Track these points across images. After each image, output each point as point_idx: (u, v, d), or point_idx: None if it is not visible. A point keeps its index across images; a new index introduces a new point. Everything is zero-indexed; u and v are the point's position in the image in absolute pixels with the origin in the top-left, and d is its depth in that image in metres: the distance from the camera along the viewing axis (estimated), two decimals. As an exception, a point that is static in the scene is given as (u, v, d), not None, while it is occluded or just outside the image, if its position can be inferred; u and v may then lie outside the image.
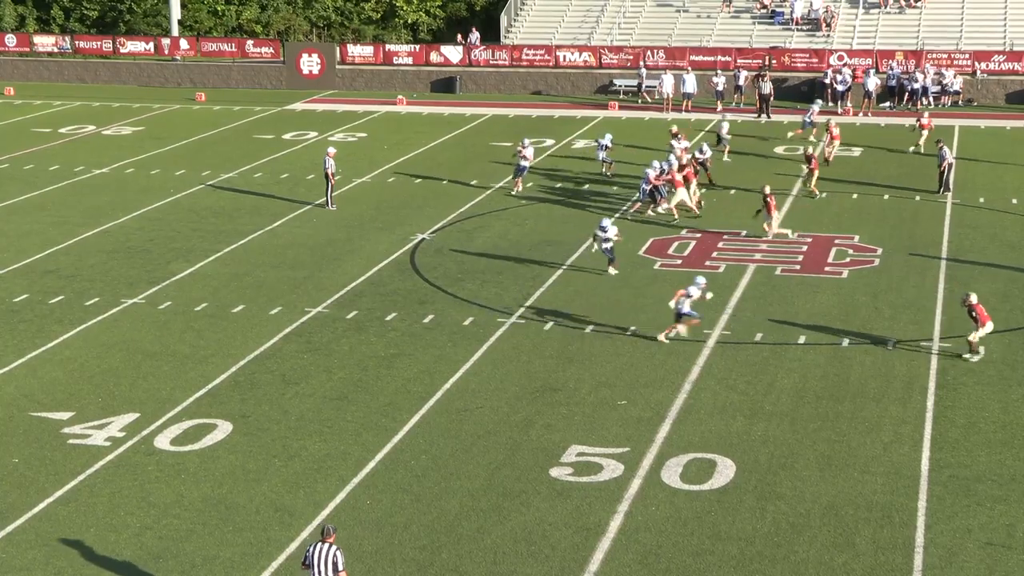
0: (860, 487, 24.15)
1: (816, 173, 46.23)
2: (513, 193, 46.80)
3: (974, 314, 30.24)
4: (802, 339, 31.98)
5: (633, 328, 32.75)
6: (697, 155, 47.66)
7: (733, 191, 46.96)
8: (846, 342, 31.68)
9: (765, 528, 22.76)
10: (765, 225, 40.36)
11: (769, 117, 62.77)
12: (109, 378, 30.07)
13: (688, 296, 31.59)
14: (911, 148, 53.67)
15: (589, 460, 25.46)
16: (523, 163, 46.83)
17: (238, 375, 30.21)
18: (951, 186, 46.11)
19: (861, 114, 62.91)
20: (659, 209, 43.65)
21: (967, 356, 30.34)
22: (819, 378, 29.45)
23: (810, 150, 47.42)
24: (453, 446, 26.23)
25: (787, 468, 24.92)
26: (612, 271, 37.07)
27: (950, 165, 46.04)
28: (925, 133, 53.43)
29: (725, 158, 52.01)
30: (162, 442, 26.59)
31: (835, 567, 21.45)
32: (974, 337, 30.29)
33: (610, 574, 21.23)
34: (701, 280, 32.07)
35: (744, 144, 56.34)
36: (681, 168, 43.95)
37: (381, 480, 24.81)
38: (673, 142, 48.19)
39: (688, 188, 43.57)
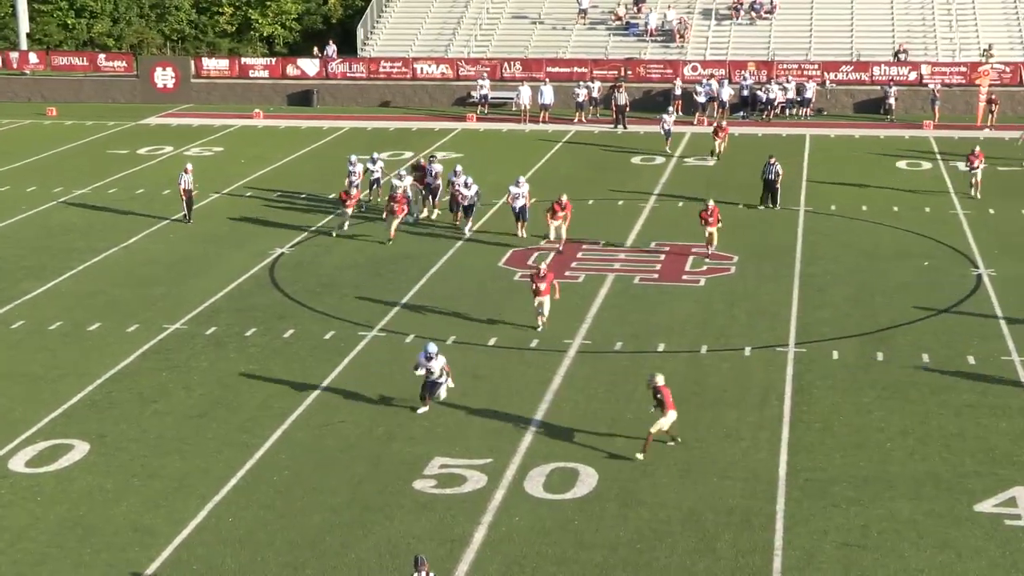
0: (719, 492, 24.49)
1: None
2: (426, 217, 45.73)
3: (659, 397, 26.03)
4: (661, 347, 32.33)
5: (494, 339, 32.84)
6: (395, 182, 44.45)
7: (591, 201, 47.33)
8: (704, 349, 32.11)
9: (628, 535, 22.96)
10: (708, 245, 40.28)
11: (625, 128, 63.42)
12: (-40, 400, 29.37)
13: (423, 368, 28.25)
14: (710, 156, 54.98)
15: (452, 472, 25.47)
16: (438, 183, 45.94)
17: (95, 394, 29.69)
18: (778, 200, 46.38)
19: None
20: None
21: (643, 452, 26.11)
22: (678, 385, 29.69)
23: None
24: (315, 461, 26.06)
25: (648, 475, 25.17)
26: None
27: (774, 180, 46.13)
28: (722, 141, 55.28)
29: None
30: (16, 464, 26.02)
31: (697, 572, 21.72)
32: (656, 428, 25.97)
33: (475, 585, 21.27)
34: (431, 347, 28.38)
35: (602, 154, 56.90)
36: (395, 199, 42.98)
37: (243, 497, 24.55)
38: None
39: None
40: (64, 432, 27.57)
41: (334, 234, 42.71)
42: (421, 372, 28.26)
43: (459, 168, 44.60)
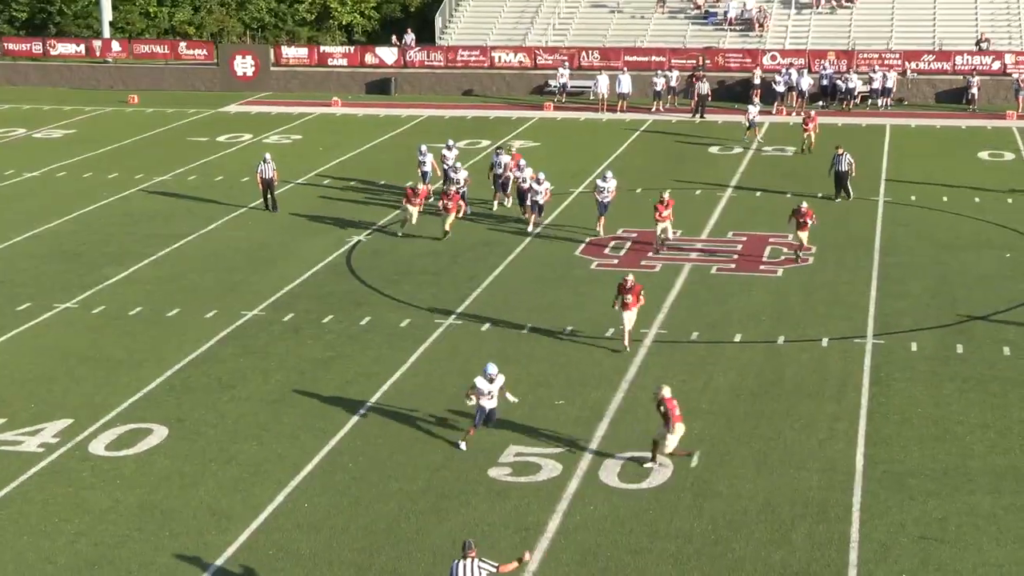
0: (796, 484, 24.33)
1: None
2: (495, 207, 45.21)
3: (663, 409, 24.98)
4: (738, 337, 32.16)
5: (570, 328, 32.82)
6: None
7: (669, 191, 47.16)
8: (781, 340, 31.90)
9: (702, 526, 22.87)
10: (792, 239, 39.21)
11: (703, 117, 63.10)
12: (41, 384, 29.77)
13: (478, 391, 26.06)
14: (802, 150, 54.02)
15: (527, 460, 25.49)
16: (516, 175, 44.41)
17: (173, 379, 30.00)
18: (850, 191, 45.74)
19: (794, 114, 63.27)
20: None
21: (661, 460, 25.12)
22: (755, 376, 29.64)
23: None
24: (390, 448, 26.17)
25: (724, 466, 25.06)
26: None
27: (846, 172, 45.36)
28: (811, 133, 54.03)
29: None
30: (97, 448, 26.36)
31: (772, 563, 21.60)
32: (668, 445, 24.96)
33: (549, 574, 21.26)
34: (492, 368, 26.12)
35: (679, 144, 56.69)
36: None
37: (319, 483, 24.72)
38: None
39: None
40: (143, 416, 27.89)
41: (399, 234, 41.84)
42: (477, 402, 25.87)
43: (523, 162, 44.40)
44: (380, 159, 54.32)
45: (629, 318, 30.99)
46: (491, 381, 25.91)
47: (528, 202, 42.25)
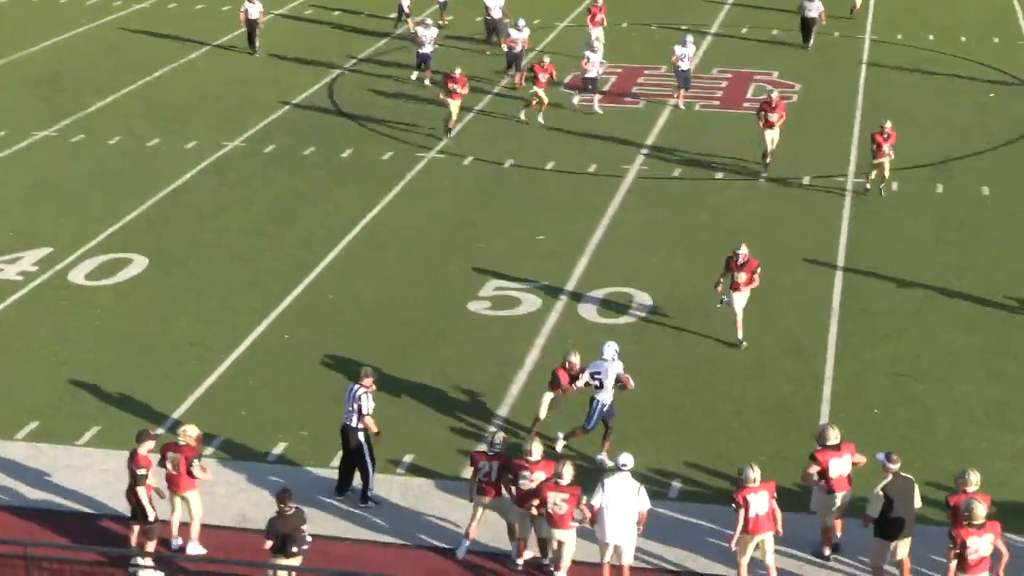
0: (773, 322, 24.51)
1: None
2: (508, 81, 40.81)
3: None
4: (720, 175, 32.12)
5: (552, 163, 32.72)
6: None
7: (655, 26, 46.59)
8: (762, 180, 31.87)
9: (681, 361, 23.10)
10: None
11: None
12: (20, 212, 29.68)
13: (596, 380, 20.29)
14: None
15: (507, 294, 25.61)
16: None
17: (153, 210, 29.93)
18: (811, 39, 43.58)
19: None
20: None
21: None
22: (738, 213, 29.67)
23: None
24: (371, 281, 26.26)
25: (703, 303, 25.14)
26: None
27: (814, 18, 43.23)
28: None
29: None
30: (76, 277, 26.39)
31: (748, 397, 21.88)
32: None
33: (528, 406, 21.49)
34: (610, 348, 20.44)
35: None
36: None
37: (299, 315, 24.84)
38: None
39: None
40: (123, 247, 27.87)
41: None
42: (585, 382, 20.19)
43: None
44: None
45: (740, 302, 23.71)
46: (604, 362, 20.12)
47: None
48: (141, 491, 17.28)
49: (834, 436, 17.62)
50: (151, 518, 17.40)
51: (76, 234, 28.42)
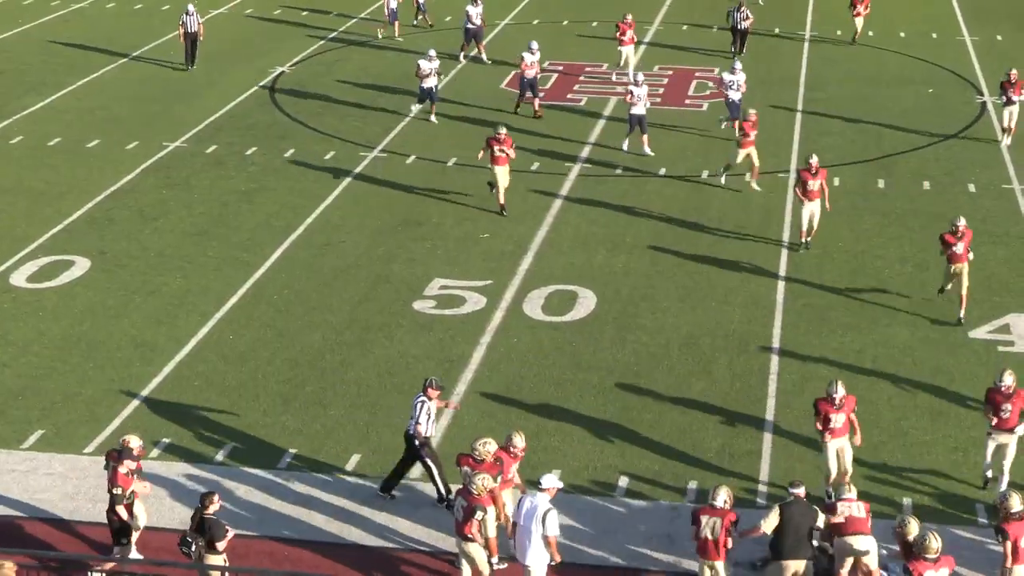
0: (718, 317, 24.64)
1: None
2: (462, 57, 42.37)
3: None
4: (662, 171, 32.25)
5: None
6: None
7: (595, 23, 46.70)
8: (705, 174, 32.02)
9: (625, 357, 23.17)
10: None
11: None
12: (-40, 215, 29.41)
13: None
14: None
15: (452, 293, 25.61)
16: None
17: (95, 211, 29.70)
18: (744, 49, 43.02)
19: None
20: None
21: None
22: (679, 211, 29.80)
23: None
24: (315, 280, 26.19)
25: (648, 299, 25.31)
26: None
27: (745, 30, 42.71)
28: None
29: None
30: (18, 279, 26.15)
31: (692, 393, 21.97)
32: None
33: (473, 403, 21.52)
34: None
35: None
36: None
37: (243, 315, 24.73)
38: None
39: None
40: (65, 248, 27.64)
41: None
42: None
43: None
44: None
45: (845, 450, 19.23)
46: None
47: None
48: (122, 510, 17.15)
49: (935, 549, 15.40)
50: (140, 525, 17.54)
51: (17, 237, 28.16)
